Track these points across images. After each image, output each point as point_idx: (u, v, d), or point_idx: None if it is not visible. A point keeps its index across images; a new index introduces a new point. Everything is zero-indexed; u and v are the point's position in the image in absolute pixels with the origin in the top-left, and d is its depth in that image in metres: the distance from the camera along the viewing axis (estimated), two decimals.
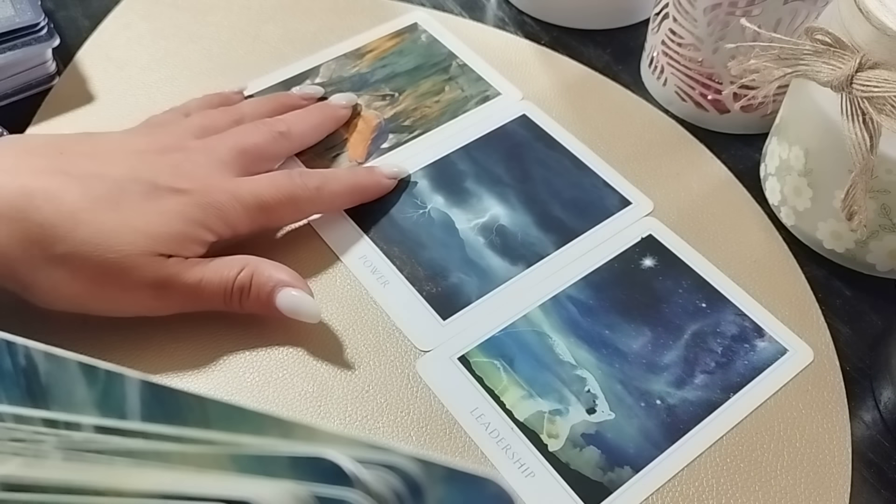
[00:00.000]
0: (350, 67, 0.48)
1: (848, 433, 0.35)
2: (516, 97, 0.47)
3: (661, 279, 0.39)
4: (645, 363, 0.37)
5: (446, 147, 0.45)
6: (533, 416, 0.35)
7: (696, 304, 0.39)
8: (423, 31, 0.50)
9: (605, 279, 0.39)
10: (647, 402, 0.35)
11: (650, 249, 0.41)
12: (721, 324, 0.38)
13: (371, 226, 0.41)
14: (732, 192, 0.44)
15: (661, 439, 0.34)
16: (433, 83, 0.48)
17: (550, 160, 0.44)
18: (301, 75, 0.48)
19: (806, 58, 0.35)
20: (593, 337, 0.37)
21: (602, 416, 0.35)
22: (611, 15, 0.51)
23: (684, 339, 0.37)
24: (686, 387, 0.36)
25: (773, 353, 0.37)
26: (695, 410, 0.35)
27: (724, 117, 0.46)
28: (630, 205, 0.42)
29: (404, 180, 0.43)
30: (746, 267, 0.40)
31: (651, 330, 0.38)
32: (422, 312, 0.38)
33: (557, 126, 0.46)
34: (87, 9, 0.51)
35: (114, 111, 0.46)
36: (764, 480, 0.34)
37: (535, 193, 0.43)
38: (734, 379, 0.36)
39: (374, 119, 0.46)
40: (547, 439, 0.34)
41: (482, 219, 0.41)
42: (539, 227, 0.41)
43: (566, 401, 0.35)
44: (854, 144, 0.33)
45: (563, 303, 0.38)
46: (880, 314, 0.39)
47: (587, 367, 0.36)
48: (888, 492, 0.34)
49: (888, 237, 0.38)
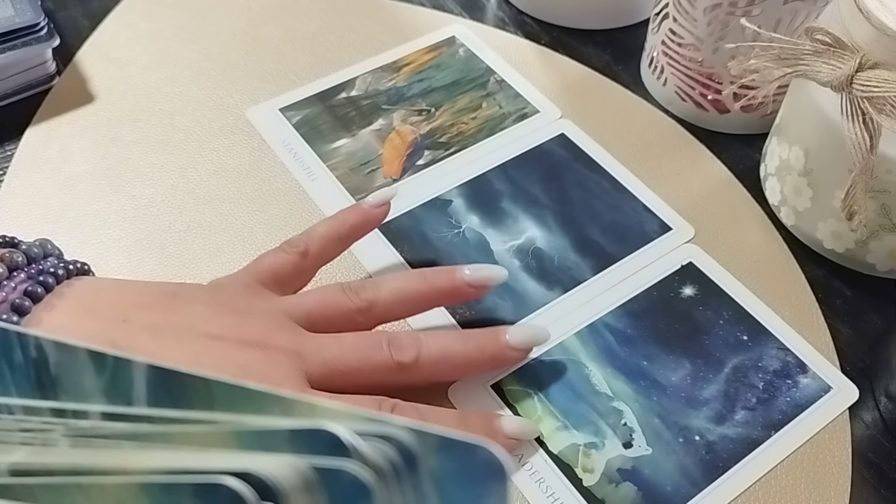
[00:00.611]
0: (386, 81, 0.48)
1: (848, 433, 0.35)
2: (555, 115, 0.46)
3: (701, 309, 0.38)
4: (684, 397, 0.35)
5: (483, 165, 0.44)
6: (567, 448, 0.34)
7: (738, 337, 0.37)
8: (460, 45, 0.50)
9: (643, 307, 0.38)
10: (685, 438, 0.34)
11: (690, 278, 0.39)
12: (763, 358, 0.37)
13: (405, 244, 0.40)
14: (732, 192, 0.44)
15: (699, 477, 0.33)
16: (470, 99, 0.47)
17: (589, 181, 0.43)
18: (336, 87, 0.47)
19: (806, 58, 0.35)
20: (631, 368, 0.36)
21: (639, 450, 0.34)
22: (611, 15, 0.51)
23: (725, 372, 0.36)
24: (726, 423, 0.35)
25: (817, 390, 0.36)
26: (735, 448, 0.34)
27: (724, 117, 0.46)
28: (670, 230, 0.41)
29: (440, 198, 0.42)
30: (746, 267, 0.40)
31: (691, 362, 0.36)
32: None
33: (597, 146, 0.45)
34: (87, 9, 0.51)
35: (114, 111, 0.46)
36: (764, 480, 0.34)
37: (573, 216, 0.42)
38: (776, 416, 0.35)
39: (409, 134, 0.45)
40: (582, 473, 0.33)
41: (518, 241, 0.41)
42: (576, 251, 0.40)
43: (602, 434, 0.34)
44: (854, 144, 0.33)
45: (600, 331, 0.37)
46: (880, 314, 0.39)
47: (624, 399, 0.35)
48: (888, 492, 0.34)
49: (888, 237, 0.38)
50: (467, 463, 0.16)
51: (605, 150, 0.45)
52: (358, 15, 0.51)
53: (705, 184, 0.44)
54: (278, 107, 0.46)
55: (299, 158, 0.44)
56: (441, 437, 0.16)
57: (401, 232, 0.41)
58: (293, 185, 0.43)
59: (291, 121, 0.46)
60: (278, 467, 0.16)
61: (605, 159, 0.44)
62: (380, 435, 0.16)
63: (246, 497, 0.15)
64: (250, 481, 0.15)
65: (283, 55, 0.49)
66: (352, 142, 0.45)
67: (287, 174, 0.43)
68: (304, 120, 0.46)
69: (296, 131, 0.45)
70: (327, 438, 0.16)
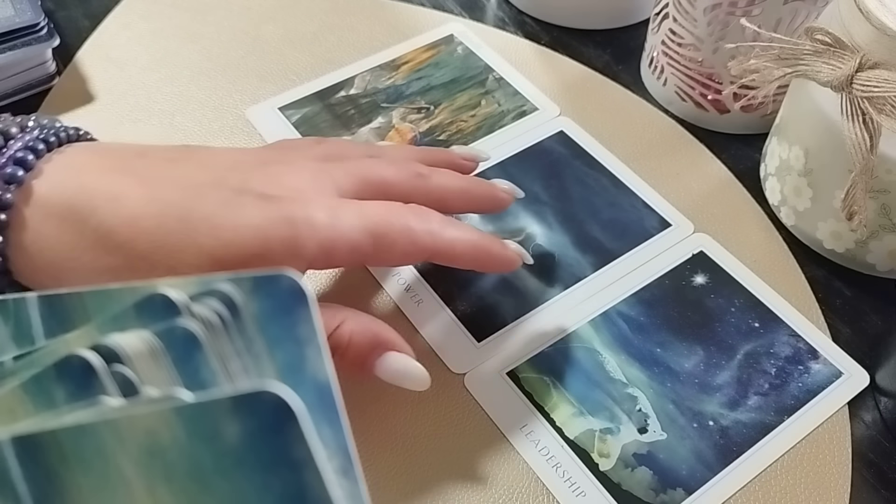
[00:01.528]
0: (385, 79, 0.48)
1: (848, 433, 0.35)
2: (553, 113, 0.47)
3: (713, 297, 0.39)
4: (697, 383, 0.36)
5: (482, 163, 0.44)
6: (583, 434, 0.34)
7: (749, 324, 0.38)
8: (459, 43, 0.50)
9: (655, 296, 0.39)
10: (699, 423, 0.35)
11: (702, 266, 0.40)
12: (775, 345, 0.37)
13: None
14: (732, 192, 0.44)
15: (714, 461, 0.34)
16: (469, 97, 0.47)
17: (589, 179, 0.43)
18: (335, 86, 0.47)
19: (806, 58, 0.35)
20: (644, 355, 0.37)
21: (654, 436, 0.34)
22: (611, 15, 0.51)
23: (737, 359, 0.37)
24: (739, 408, 0.35)
25: (828, 375, 0.36)
26: (748, 433, 0.35)
27: (724, 117, 0.46)
28: (670, 227, 0.42)
29: None
30: (746, 267, 0.40)
31: (703, 349, 0.37)
32: (455, 333, 0.37)
33: (596, 144, 0.45)
34: (87, 9, 0.51)
35: (114, 111, 0.46)
36: (764, 480, 0.34)
37: (573, 213, 0.42)
38: (788, 401, 0.36)
39: (409, 132, 0.45)
40: (598, 458, 0.34)
41: (518, 238, 0.41)
42: (577, 248, 0.40)
43: (617, 419, 0.35)
44: (854, 144, 0.33)
45: (613, 319, 0.38)
46: (880, 314, 0.39)
47: (639, 385, 0.36)
48: (888, 492, 0.34)
49: (888, 237, 0.38)
50: (276, 296, 0.19)
51: (604, 148, 0.45)
52: (357, 15, 0.51)
53: (705, 184, 0.44)
54: (277, 105, 0.46)
55: None
56: (251, 276, 0.19)
57: None
58: None
59: (291, 119, 0.46)
60: (124, 337, 0.18)
61: (605, 157, 0.44)
62: (206, 292, 0.19)
63: (92, 362, 0.18)
64: (100, 352, 0.18)
65: (283, 55, 0.49)
66: (351, 140, 0.45)
67: None
68: (304, 118, 0.46)
69: (295, 130, 0.45)
70: (161, 302, 0.19)
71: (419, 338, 0.37)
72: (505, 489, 0.33)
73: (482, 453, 0.34)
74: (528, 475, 0.34)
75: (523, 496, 0.33)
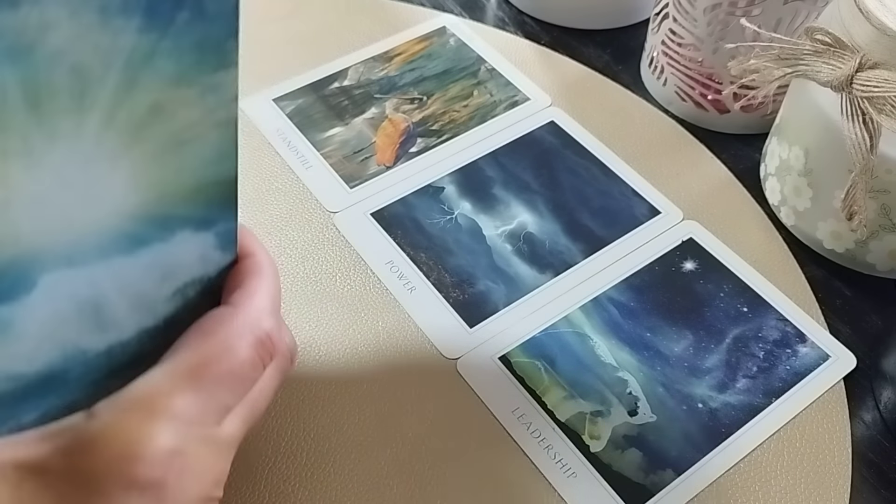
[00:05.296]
0: (378, 70, 0.48)
1: (848, 433, 0.35)
2: (545, 103, 0.47)
3: (702, 283, 0.39)
4: (687, 366, 0.36)
5: (474, 152, 0.44)
6: (574, 416, 0.35)
7: (738, 309, 0.38)
8: (451, 35, 0.50)
9: (645, 282, 0.39)
10: (688, 406, 0.35)
11: (691, 253, 0.40)
12: (763, 328, 0.38)
13: (398, 231, 0.41)
14: (732, 192, 0.44)
15: (703, 442, 0.34)
16: (462, 87, 0.48)
17: (579, 168, 0.44)
18: (329, 77, 0.48)
19: (806, 58, 0.35)
20: (635, 339, 0.37)
21: (644, 418, 0.35)
22: (611, 15, 0.51)
23: (726, 343, 0.37)
24: (728, 391, 0.36)
25: (816, 358, 0.37)
26: (737, 415, 0.35)
27: (724, 117, 0.46)
28: (659, 214, 0.42)
29: (432, 185, 0.43)
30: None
31: (693, 333, 0.37)
32: (448, 319, 0.38)
33: (586, 133, 0.45)
34: None
35: None
36: (764, 480, 0.34)
37: (564, 201, 0.42)
38: (776, 384, 0.36)
39: (402, 122, 0.46)
40: (589, 440, 0.34)
41: (510, 226, 0.41)
42: (567, 236, 0.41)
43: (608, 402, 0.35)
44: (854, 144, 0.33)
45: (604, 304, 0.38)
46: (880, 314, 0.39)
47: (629, 369, 0.36)
48: (888, 492, 0.34)
49: (888, 237, 0.38)
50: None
51: (594, 138, 0.45)
52: (356, 14, 0.51)
53: (705, 184, 0.44)
54: (272, 97, 0.46)
55: (293, 147, 0.44)
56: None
57: (394, 219, 0.41)
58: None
59: (285, 111, 0.46)
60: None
61: (595, 146, 0.45)
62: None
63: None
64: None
65: (282, 55, 0.49)
66: (345, 130, 0.45)
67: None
68: (298, 109, 0.46)
69: (289, 121, 0.45)
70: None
71: (412, 324, 0.37)
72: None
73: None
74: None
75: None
